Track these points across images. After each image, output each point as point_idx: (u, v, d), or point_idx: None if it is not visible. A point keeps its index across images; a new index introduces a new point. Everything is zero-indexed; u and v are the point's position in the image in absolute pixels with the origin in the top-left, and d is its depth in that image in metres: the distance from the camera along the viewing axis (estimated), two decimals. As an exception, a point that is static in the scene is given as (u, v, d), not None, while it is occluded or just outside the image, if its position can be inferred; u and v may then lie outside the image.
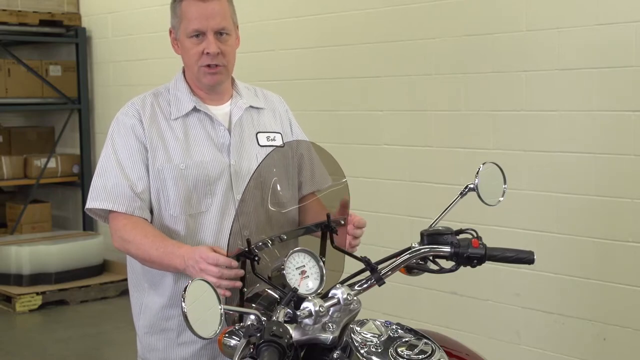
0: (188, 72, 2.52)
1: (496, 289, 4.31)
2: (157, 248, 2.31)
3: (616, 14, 3.77)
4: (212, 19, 2.42)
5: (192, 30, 2.42)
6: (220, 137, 2.50)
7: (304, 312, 1.84)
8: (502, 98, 4.24)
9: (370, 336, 1.96)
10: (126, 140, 2.44)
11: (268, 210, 2.23)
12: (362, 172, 4.78)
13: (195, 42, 2.43)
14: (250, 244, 2.00)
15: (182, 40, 2.46)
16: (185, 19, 2.43)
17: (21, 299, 6.27)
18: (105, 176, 2.42)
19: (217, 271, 2.07)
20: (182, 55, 2.50)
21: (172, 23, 2.50)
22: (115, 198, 2.39)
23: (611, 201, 3.86)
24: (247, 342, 1.80)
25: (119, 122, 2.48)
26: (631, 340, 3.84)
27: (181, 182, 2.42)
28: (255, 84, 2.82)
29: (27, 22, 6.97)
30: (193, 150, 2.46)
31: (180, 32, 2.46)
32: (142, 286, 2.54)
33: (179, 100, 2.51)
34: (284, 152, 2.51)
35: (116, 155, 2.43)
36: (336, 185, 2.28)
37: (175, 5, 2.47)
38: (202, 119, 2.51)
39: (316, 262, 1.99)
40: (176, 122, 2.48)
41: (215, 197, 2.46)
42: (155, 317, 2.50)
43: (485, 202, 2.27)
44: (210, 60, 2.44)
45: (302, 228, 2.13)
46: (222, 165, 2.47)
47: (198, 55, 2.44)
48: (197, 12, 2.41)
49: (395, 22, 4.69)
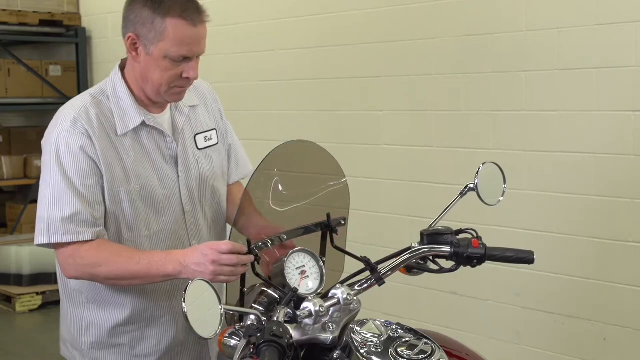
0: (145, 83, 2.31)
1: (496, 289, 4.31)
2: (139, 261, 2.18)
3: (616, 14, 3.77)
4: (199, 45, 2.28)
5: (177, 55, 2.24)
6: (168, 149, 2.39)
7: (304, 312, 1.85)
8: (502, 98, 4.23)
9: (370, 336, 1.96)
10: (77, 163, 2.23)
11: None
12: (362, 172, 4.78)
13: (174, 64, 2.26)
14: (250, 244, 2.00)
15: (156, 57, 2.25)
16: (170, 40, 2.23)
17: (21, 299, 6.27)
18: (60, 205, 2.21)
19: (235, 258, 2.00)
20: (147, 69, 2.28)
21: (141, 32, 2.26)
22: (78, 228, 2.21)
23: (611, 201, 3.86)
24: (247, 342, 1.80)
25: (65, 142, 2.25)
26: (631, 340, 3.83)
27: (137, 204, 2.31)
28: (255, 84, 2.81)
29: (27, 22, 6.97)
30: (145, 168, 2.33)
31: (155, 47, 2.25)
32: (78, 301, 2.40)
33: (124, 112, 2.32)
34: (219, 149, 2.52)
35: (68, 180, 2.22)
36: (336, 185, 2.28)
37: (155, 18, 2.23)
38: (151, 132, 2.36)
39: (316, 262, 2.00)
40: (125, 138, 2.32)
41: (168, 214, 2.37)
42: (105, 334, 2.39)
43: (485, 202, 2.27)
44: (185, 83, 2.31)
45: (301, 228, 2.13)
46: (172, 180, 2.38)
47: (174, 78, 2.28)
48: (187, 37, 2.24)
49: (395, 22, 4.68)
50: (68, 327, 2.47)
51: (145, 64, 2.28)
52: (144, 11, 2.25)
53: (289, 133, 4.94)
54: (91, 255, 2.21)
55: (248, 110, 5.65)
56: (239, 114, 5.74)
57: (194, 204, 2.43)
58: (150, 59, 2.27)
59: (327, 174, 2.34)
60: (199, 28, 2.26)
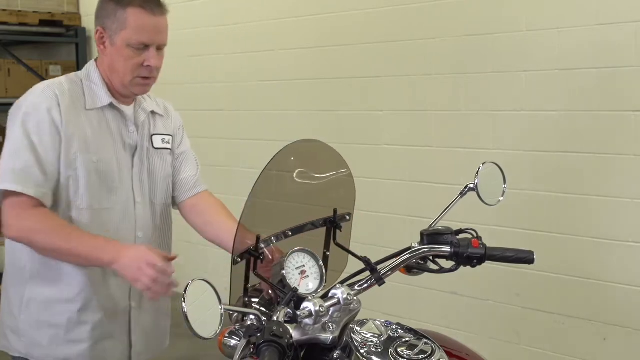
0: (112, 74, 2.46)
1: (496, 289, 4.31)
2: (79, 240, 2.28)
3: (616, 14, 3.77)
4: (160, 34, 2.43)
5: (137, 42, 2.40)
6: (129, 137, 2.51)
7: (304, 312, 1.84)
8: (502, 98, 4.24)
9: (370, 336, 1.96)
10: (40, 123, 2.35)
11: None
12: (362, 172, 4.76)
13: (136, 52, 2.41)
14: (259, 240, 2.00)
15: (119, 47, 2.41)
16: (131, 28, 2.39)
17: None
18: (14, 157, 2.32)
19: (154, 274, 2.14)
20: (112, 59, 2.45)
21: (106, 24, 2.43)
22: (25, 180, 2.30)
23: (611, 201, 3.86)
24: (247, 342, 1.80)
25: (34, 104, 2.38)
26: (631, 340, 3.84)
27: (92, 175, 2.40)
28: (255, 84, 2.83)
29: (27, 22, 6.97)
30: (105, 145, 2.45)
31: (118, 37, 2.41)
32: (23, 278, 2.47)
33: (95, 93, 2.47)
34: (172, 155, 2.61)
35: (29, 137, 2.33)
36: (342, 180, 2.28)
37: (117, 9, 2.40)
38: (117, 116, 2.50)
39: (316, 262, 1.99)
40: (91, 113, 2.45)
41: (118, 196, 2.46)
42: (44, 310, 2.45)
43: (485, 202, 2.27)
44: (148, 73, 2.44)
45: (307, 224, 2.13)
46: (127, 168, 2.50)
47: (136, 66, 2.42)
48: (147, 25, 2.40)
49: (395, 22, 4.69)
50: (10, 307, 2.52)
51: (111, 55, 2.43)
52: (109, 5, 2.42)
53: (289, 133, 4.94)
54: (35, 220, 2.29)
55: (248, 110, 5.65)
56: (239, 114, 5.75)
57: (144, 197, 2.53)
58: (115, 49, 2.42)
59: (335, 171, 2.33)
60: (158, 18, 2.41)
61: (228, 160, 5.79)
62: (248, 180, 2.03)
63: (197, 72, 5.97)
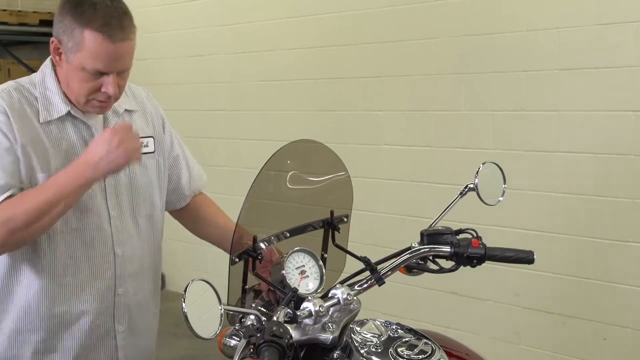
0: (67, 89, 2.22)
1: (496, 289, 4.31)
2: (51, 187, 2.08)
3: (616, 14, 3.77)
4: (118, 62, 2.16)
5: (93, 69, 2.14)
6: None
7: (304, 312, 1.84)
8: (502, 98, 4.24)
9: (370, 336, 1.96)
10: None
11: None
12: (362, 172, 4.78)
13: (91, 77, 2.16)
14: (256, 240, 2.00)
15: (75, 67, 2.16)
16: (86, 51, 2.12)
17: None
18: None
19: (133, 135, 2.12)
20: (67, 75, 2.20)
21: (62, 39, 2.17)
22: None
23: (611, 201, 3.86)
24: (247, 342, 1.80)
25: None
26: (631, 340, 3.84)
27: None
28: (255, 84, 2.79)
29: (27, 22, 6.97)
30: (68, 160, 2.18)
31: (73, 57, 2.15)
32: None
33: (49, 102, 2.22)
34: (155, 159, 2.41)
35: None
36: (339, 182, 2.28)
37: (75, 28, 2.13)
38: (78, 125, 2.25)
39: (316, 262, 1.99)
40: (47, 126, 2.20)
41: (90, 213, 2.24)
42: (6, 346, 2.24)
43: (485, 202, 2.27)
44: (104, 98, 2.19)
45: (305, 225, 2.13)
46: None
47: (91, 90, 2.18)
48: (103, 53, 2.12)
49: (396, 22, 4.68)
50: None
51: (66, 72, 2.20)
52: (66, 18, 2.16)
53: (288, 133, 4.94)
54: (6, 211, 2.06)
55: (248, 110, 5.65)
56: (239, 114, 5.75)
57: (122, 211, 2.31)
58: (70, 67, 2.18)
59: (332, 173, 2.34)
60: (118, 45, 2.13)
61: (228, 160, 5.79)
62: (248, 181, 2.03)
63: (197, 72, 5.97)
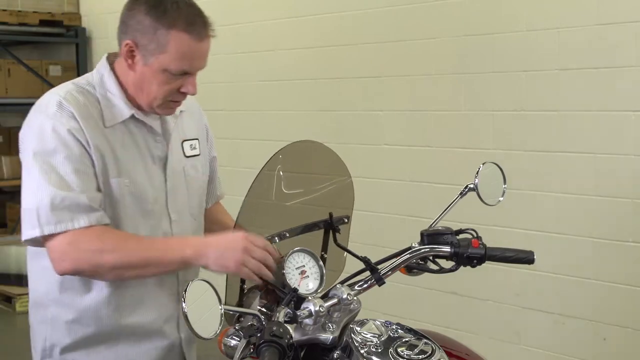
0: (138, 92, 2.15)
1: (496, 289, 4.31)
2: (152, 246, 2.04)
3: (616, 14, 3.77)
4: (202, 60, 2.13)
5: (178, 69, 2.09)
6: (156, 148, 2.21)
7: (304, 312, 1.84)
8: (502, 98, 4.23)
9: (370, 336, 1.96)
10: (66, 147, 2.03)
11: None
12: (362, 172, 4.78)
13: (173, 78, 2.10)
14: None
15: (154, 70, 2.09)
16: (172, 54, 2.06)
17: (21, 299, 6.26)
18: (47, 192, 1.99)
19: (266, 253, 1.93)
20: (142, 79, 2.12)
21: (140, 41, 2.09)
22: (72, 214, 1.98)
23: (611, 201, 3.86)
24: (247, 342, 1.80)
25: (52, 127, 2.04)
26: (631, 340, 3.83)
27: (126, 200, 2.12)
28: (255, 84, 2.77)
29: (27, 22, 6.97)
30: (135, 164, 2.15)
31: (154, 59, 2.08)
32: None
33: (112, 104, 2.15)
34: (201, 160, 2.34)
35: (56, 165, 2.01)
36: (341, 184, 2.28)
37: (158, 28, 2.06)
38: (141, 129, 2.19)
39: (316, 262, 1.99)
40: (112, 130, 2.13)
41: (156, 219, 2.19)
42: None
43: (485, 202, 2.27)
44: (181, 98, 2.17)
45: (305, 225, 2.13)
46: (160, 183, 2.20)
47: (171, 92, 2.13)
48: (190, 52, 2.08)
49: (396, 22, 4.68)
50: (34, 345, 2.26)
51: (142, 75, 2.12)
52: (146, 19, 2.08)
53: (289, 133, 4.94)
54: (95, 241, 1.98)
55: (248, 110, 5.65)
56: (239, 114, 5.75)
57: (181, 214, 2.26)
58: (148, 70, 2.10)
59: (333, 173, 2.34)
60: (204, 43, 2.10)
61: (228, 160, 5.78)
62: (248, 181, 2.03)
63: (197, 72, 5.96)
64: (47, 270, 2.09)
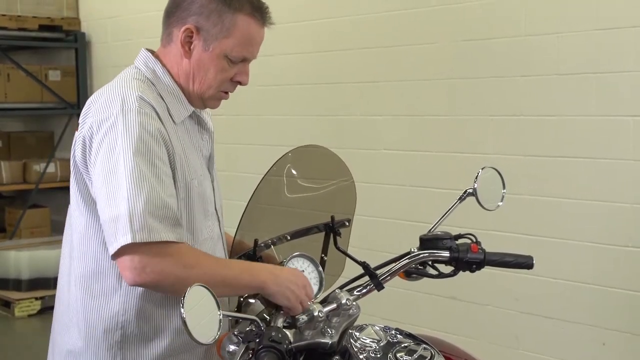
0: (189, 82, 2.05)
1: (495, 294, 4.31)
2: (229, 265, 1.97)
3: (615, 19, 3.78)
4: (258, 48, 2.06)
5: (239, 55, 2.02)
6: (204, 147, 2.15)
7: (303, 317, 1.84)
8: (501, 103, 4.24)
9: (370, 341, 1.96)
10: (157, 148, 1.90)
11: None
12: (361, 177, 4.72)
13: (231, 65, 2.03)
14: (257, 244, 2.00)
15: (215, 56, 2.01)
16: (236, 38, 1.99)
17: (20, 304, 6.26)
18: (142, 197, 1.84)
19: (304, 296, 1.92)
20: (198, 66, 2.03)
21: (203, 25, 1.99)
22: (162, 226, 1.85)
23: (610, 206, 3.86)
24: (246, 348, 1.80)
25: (139, 124, 1.89)
26: (630, 345, 3.83)
27: (196, 202, 2.03)
28: (254, 89, 2.77)
29: (26, 27, 6.97)
30: (197, 162, 2.07)
31: (217, 44, 1.99)
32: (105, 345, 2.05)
33: (176, 99, 2.06)
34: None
35: (148, 168, 1.87)
36: (343, 188, 2.28)
37: (223, 11, 1.98)
38: (194, 126, 2.12)
39: (315, 267, 2.00)
40: (181, 126, 2.05)
41: (210, 218, 2.11)
42: None
43: (484, 206, 2.27)
44: (233, 89, 2.11)
45: (306, 229, 2.12)
46: (209, 181, 2.14)
47: (225, 80, 2.06)
48: (253, 37, 2.02)
49: (394, 27, 4.69)
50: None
51: (198, 62, 2.02)
52: (211, 3, 1.98)
53: (288, 138, 4.94)
54: (180, 256, 1.88)
55: (247, 115, 5.65)
56: (238, 119, 5.75)
57: (222, 214, 2.19)
58: (207, 56, 2.01)
59: (336, 177, 2.34)
60: (264, 29, 2.05)
61: (227, 165, 5.79)
62: (247, 185, 2.04)
63: (196, 77, 5.96)
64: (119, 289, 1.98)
